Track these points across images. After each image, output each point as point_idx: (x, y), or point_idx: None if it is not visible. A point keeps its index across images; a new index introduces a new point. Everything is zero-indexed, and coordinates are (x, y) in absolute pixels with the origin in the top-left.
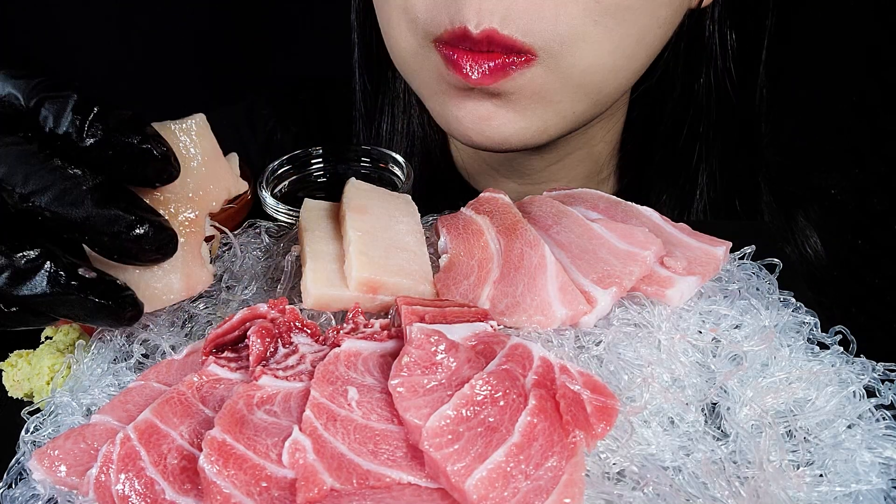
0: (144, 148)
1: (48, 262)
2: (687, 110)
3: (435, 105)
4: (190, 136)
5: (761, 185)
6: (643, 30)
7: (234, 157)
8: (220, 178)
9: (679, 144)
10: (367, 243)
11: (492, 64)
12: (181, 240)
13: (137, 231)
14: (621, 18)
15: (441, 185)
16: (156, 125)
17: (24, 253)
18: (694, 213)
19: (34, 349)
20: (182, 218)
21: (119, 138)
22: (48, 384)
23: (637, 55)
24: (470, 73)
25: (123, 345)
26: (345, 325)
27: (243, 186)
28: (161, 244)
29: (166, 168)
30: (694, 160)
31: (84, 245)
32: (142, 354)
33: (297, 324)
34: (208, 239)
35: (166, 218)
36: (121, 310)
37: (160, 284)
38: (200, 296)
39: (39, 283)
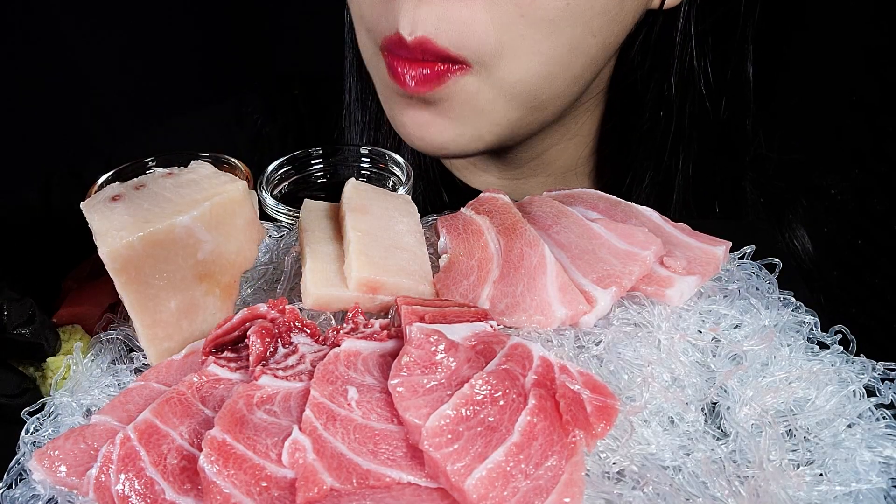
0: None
1: None
2: (660, 109)
3: (387, 109)
4: (239, 206)
5: (744, 184)
6: (575, 39)
7: (254, 195)
8: (255, 236)
9: (655, 141)
10: (367, 243)
11: (427, 71)
12: (219, 303)
13: None
14: (548, 31)
15: (430, 176)
16: (218, 200)
17: None
18: (671, 208)
19: None
20: (223, 283)
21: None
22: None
23: (572, 63)
24: (407, 82)
25: (123, 346)
26: (345, 325)
27: (263, 233)
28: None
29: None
30: (666, 157)
31: None
32: (142, 355)
33: (296, 324)
34: None
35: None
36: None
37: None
38: None
39: None
